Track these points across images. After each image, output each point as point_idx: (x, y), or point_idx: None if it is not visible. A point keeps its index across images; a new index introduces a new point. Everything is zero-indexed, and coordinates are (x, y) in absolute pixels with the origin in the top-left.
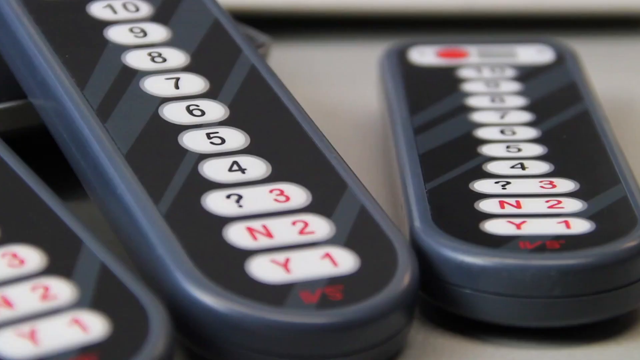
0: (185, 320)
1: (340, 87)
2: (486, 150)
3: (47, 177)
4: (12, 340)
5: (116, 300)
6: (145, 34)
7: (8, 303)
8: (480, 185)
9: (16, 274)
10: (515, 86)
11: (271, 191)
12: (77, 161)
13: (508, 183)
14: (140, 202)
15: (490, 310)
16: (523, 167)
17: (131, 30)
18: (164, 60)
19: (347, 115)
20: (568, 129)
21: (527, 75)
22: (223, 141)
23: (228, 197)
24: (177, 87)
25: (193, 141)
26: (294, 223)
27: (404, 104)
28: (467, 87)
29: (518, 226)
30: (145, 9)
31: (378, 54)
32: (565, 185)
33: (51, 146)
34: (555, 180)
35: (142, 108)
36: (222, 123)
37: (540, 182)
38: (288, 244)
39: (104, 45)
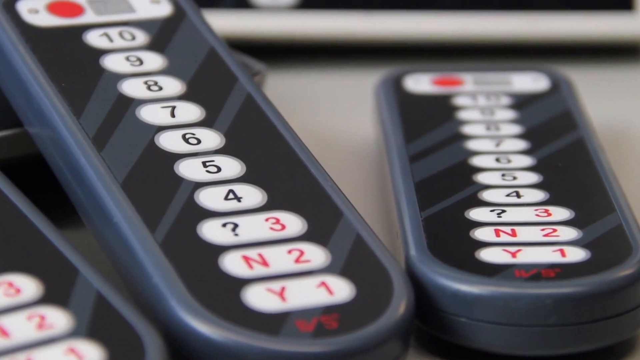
0: (181, 349)
1: (335, 115)
2: (481, 178)
3: (43, 205)
4: None
5: (112, 329)
6: (141, 63)
7: (4, 332)
8: (476, 214)
9: (12, 303)
10: (510, 114)
11: (267, 220)
12: (73, 189)
13: (503, 211)
14: (136, 230)
15: (485, 338)
16: (518, 195)
17: (127, 58)
18: (160, 88)
19: (343, 143)
20: (563, 157)
21: (522, 103)
22: (219, 169)
23: (224, 225)
24: (173, 115)
25: (189, 170)
26: (289, 252)
27: (399, 132)
28: (463, 115)
29: (513, 254)
30: (142, 38)
31: (373, 81)
32: (561, 213)
33: (47, 174)
34: (551, 209)
35: (138, 136)
36: (218, 151)
37: (536, 210)
38: (284, 272)
39: (100, 73)
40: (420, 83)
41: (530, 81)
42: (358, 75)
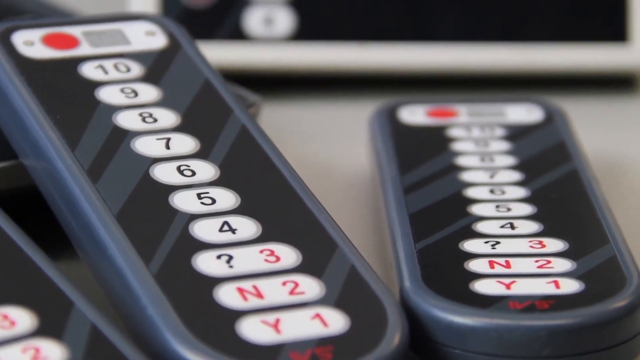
0: None
1: (330, 146)
2: (476, 209)
3: (38, 237)
4: None
5: None
6: (136, 94)
7: None
8: (470, 245)
9: (7, 336)
10: (504, 145)
11: (261, 251)
12: (67, 221)
13: (498, 243)
14: (130, 262)
15: None
16: (512, 227)
17: (122, 90)
18: (155, 120)
19: (338, 174)
20: (557, 189)
21: (516, 134)
22: (214, 201)
23: (218, 257)
24: (167, 147)
25: (184, 201)
26: (284, 283)
27: (393, 163)
28: (457, 146)
29: (507, 286)
30: (136, 70)
31: (368, 113)
32: (555, 245)
33: (42, 206)
34: (545, 240)
35: (133, 168)
36: (212, 183)
37: (530, 241)
38: (278, 304)
39: (95, 105)
40: (414, 114)
41: (524, 112)
42: (352, 107)
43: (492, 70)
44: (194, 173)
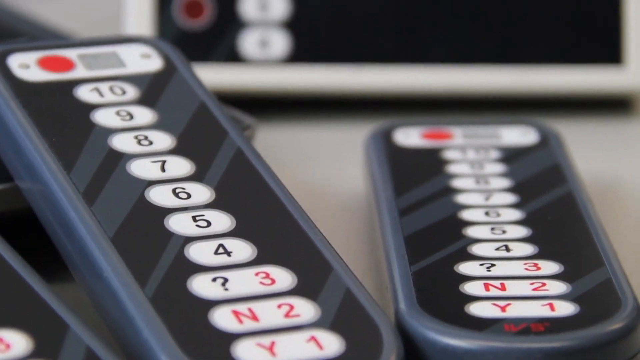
0: None
1: (325, 169)
2: (471, 232)
3: (33, 260)
4: None
5: None
6: (131, 117)
7: None
8: (465, 268)
9: (2, 359)
10: (499, 168)
11: (257, 274)
12: (63, 244)
13: (493, 265)
14: (126, 285)
15: None
16: (508, 249)
17: (118, 113)
18: (150, 143)
19: (333, 196)
20: (552, 211)
21: (511, 156)
22: (209, 224)
23: (214, 280)
24: (163, 170)
25: (179, 224)
26: (279, 306)
27: (389, 186)
28: (452, 168)
29: (503, 309)
30: (132, 92)
31: (363, 135)
32: (550, 267)
33: (38, 229)
34: (540, 263)
35: (128, 191)
36: (208, 206)
37: (525, 264)
38: (274, 327)
39: (90, 128)
40: (409, 137)
41: (519, 135)
42: (348, 129)
43: (488, 92)
44: (189, 196)
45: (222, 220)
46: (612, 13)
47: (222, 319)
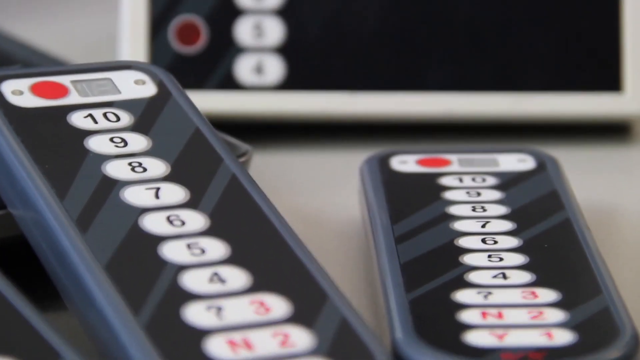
0: None
1: (321, 195)
2: (468, 259)
3: (26, 288)
4: None
5: None
6: (125, 144)
7: None
8: (462, 296)
9: None
10: (496, 195)
11: (252, 302)
12: (56, 272)
13: (490, 293)
14: (119, 313)
15: None
16: (505, 277)
17: (111, 139)
18: (144, 169)
19: (329, 223)
20: (550, 238)
21: (508, 183)
22: (203, 252)
23: (208, 308)
24: (157, 197)
25: (173, 252)
26: (274, 335)
27: (385, 213)
28: (449, 195)
29: (500, 337)
30: (126, 119)
31: (359, 161)
32: (547, 295)
33: (30, 256)
34: (537, 290)
35: (122, 219)
36: (202, 233)
37: (522, 292)
38: (269, 356)
39: (84, 155)
40: (406, 163)
41: (516, 162)
42: (343, 155)
43: (485, 118)
44: (183, 223)
45: (216, 248)
46: (609, 39)
47: (217, 348)
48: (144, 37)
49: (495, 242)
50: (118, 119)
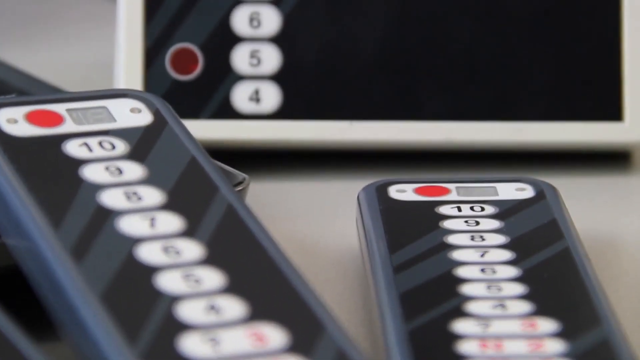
0: None
1: (318, 224)
2: (466, 289)
3: (21, 318)
4: None
5: None
6: (120, 172)
7: None
8: (461, 326)
9: None
10: (495, 224)
11: (248, 333)
12: (50, 302)
13: (489, 324)
14: (114, 345)
15: None
16: (504, 308)
17: (106, 168)
18: (140, 199)
19: (326, 252)
20: (549, 268)
21: (507, 212)
22: (199, 282)
23: (204, 340)
24: (152, 226)
25: (168, 282)
26: None
27: (383, 242)
28: (447, 224)
29: None
30: (122, 147)
31: (357, 189)
32: (547, 326)
33: (25, 287)
34: (537, 321)
35: (117, 248)
36: (197, 263)
37: (522, 323)
38: None
39: (79, 184)
40: (404, 192)
41: (515, 191)
42: (341, 183)
43: (484, 147)
44: (179, 253)
45: (212, 278)
46: (609, 68)
47: None
48: (140, 64)
49: (494, 272)
50: (113, 147)
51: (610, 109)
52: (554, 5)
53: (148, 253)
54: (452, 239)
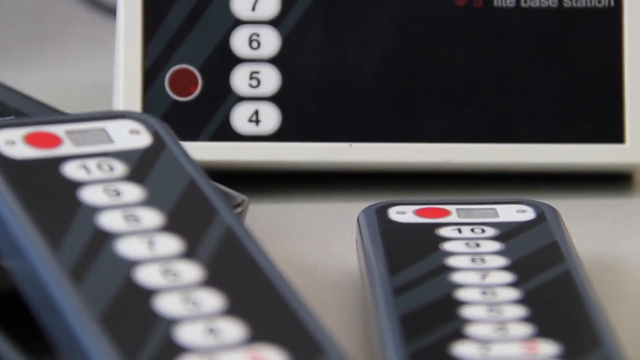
0: None
1: (318, 246)
2: (467, 312)
3: (20, 340)
4: None
5: None
6: (119, 194)
7: None
8: (462, 350)
9: None
10: (496, 246)
11: (247, 356)
12: (49, 324)
13: (489, 347)
14: None
15: None
16: (505, 330)
17: (105, 190)
18: (138, 221)
19: (326, 274)
20: (550, 290)
21: (507, 234)
22: (198, 305)
23: None
24: (150, 249)
25: (167, 305)
26: None
27: (383, 264)
28: (447, 246)
29: None
30: (120, 169)
31: (357, 211)
32: (547, 349)
33: (24, 308)
34: (538, 344)
35: (115, 271)
36: (196, 286)
37: (522, 345)
38: None
39: (77, 206)
40: (404, 214)
41: (515, 212)
42: (341, 205)
43: (485, 169)
44: (177, 275)
45: (211, 301)
46: (610, 90)
47: None
48: (139, 86)
49: (495, 295)
50: (112, 169)
51: (611, 130)
52: (554, 27)
53: (146, 275)
54: (452, 261)
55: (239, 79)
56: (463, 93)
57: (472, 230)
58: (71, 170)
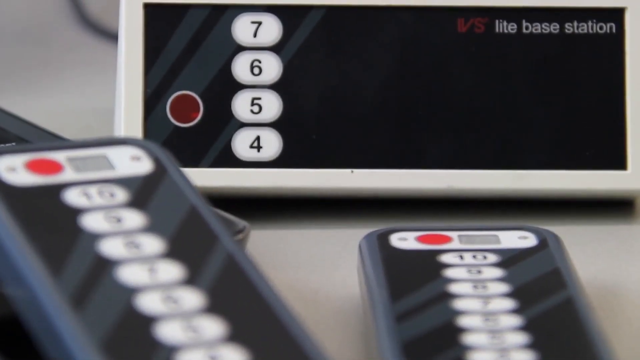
0: None
1: (320, 272)
2: (469, 339)
3: None
4: None
5: None
6: (120, 221)
7: None
8: None
9: None
10: (497, 272)
11: None
12: (50, 352)
13: None
14: None
15: None
16: (506, 358)
17: (106, 217)
18: (139, 247)
19: (327, 301)
20: (552, 317)
21: (509, 261)
22: (199, 332)
23: None
24: (151, 276)
25: (168, 332)
26: None
27: (384, 290)
28: (449, 273)
29: None
30: (121, 196)
31: (359, 237)
32: None
33: (25, 335)
34: None
35: (116, 298)
36: (197, 313)
37: None
38: None
39: (78, 233)
40: (406, 240)
41: (517, 239)
42: (342, 231)
43: (487, 195)
44: (178, 302)
45: (212, 328)
46: (612, 116)
47: None
48: (140, 112)
49: (497, 322)
50: (112, 195)
51: (613, 157)
52: (556, 54)
53: (147, 302)
54: (454, 288)
55: (241, 105)
56: (465, 119)
57: (474, 256)
58: (72, 197)
